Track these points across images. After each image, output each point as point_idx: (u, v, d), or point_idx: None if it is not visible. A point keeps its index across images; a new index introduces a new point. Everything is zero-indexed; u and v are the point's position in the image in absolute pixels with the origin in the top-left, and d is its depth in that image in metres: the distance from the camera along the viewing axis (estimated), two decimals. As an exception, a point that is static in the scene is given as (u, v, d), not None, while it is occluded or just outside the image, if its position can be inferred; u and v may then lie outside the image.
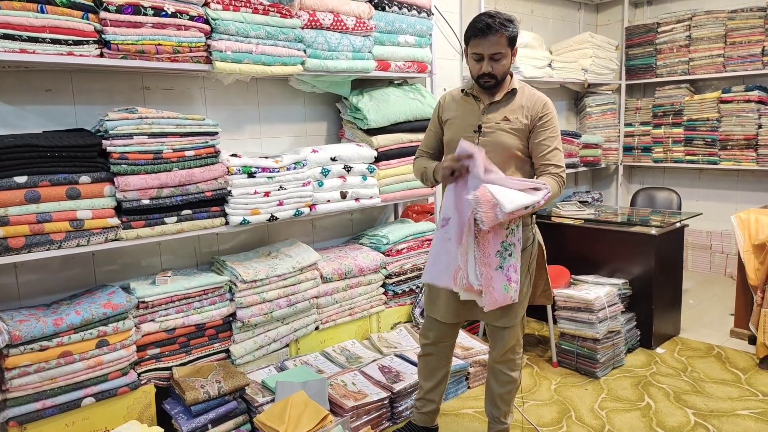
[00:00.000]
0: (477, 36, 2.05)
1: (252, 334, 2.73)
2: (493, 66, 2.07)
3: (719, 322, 3.80)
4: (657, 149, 5.04)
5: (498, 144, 2.11)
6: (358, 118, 3.14)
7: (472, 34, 2.07)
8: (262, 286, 2.70)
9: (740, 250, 3.40)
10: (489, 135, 2.13)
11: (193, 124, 2.41)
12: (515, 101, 2.15)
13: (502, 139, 2.11)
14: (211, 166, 2.46)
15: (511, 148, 2.12)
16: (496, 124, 2.13)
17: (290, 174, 2.74)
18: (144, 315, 2.40)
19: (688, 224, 3.73)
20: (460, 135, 2.14)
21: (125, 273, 2.64)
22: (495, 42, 2.03)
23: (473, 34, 2.06)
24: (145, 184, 2.27)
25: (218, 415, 2.33)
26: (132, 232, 2.29)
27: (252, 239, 3.08)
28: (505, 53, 2.07)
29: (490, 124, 2.13)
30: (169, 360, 2.49)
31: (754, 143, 4.39)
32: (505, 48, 2.06)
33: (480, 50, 2.06)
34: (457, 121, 2.21)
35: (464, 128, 2.17)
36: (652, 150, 5.08)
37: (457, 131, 2.19)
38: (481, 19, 2.05)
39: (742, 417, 2.67)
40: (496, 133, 2.12)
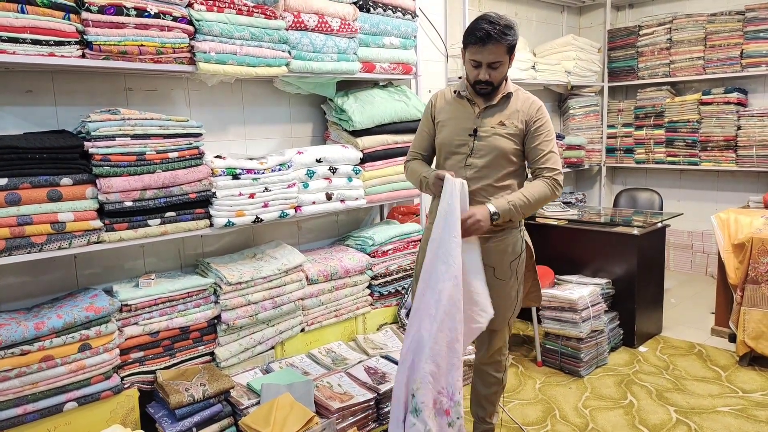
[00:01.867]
0: (476, 44, 2.00)
1: (237, 337, 2.72)
2: (491, 74, 2.04)
3: (700, 321, 3.86)
4: (639, 150, 5.10)
5: (494, 148, 2.10)
6: (343, 119, 3.14)
7: (471, 41, 2.02)
8: (246, 288, 2.69)
9: (720, 250, 3.45)
10: (485, 139, 2.11)
11: (176, 125, 2.39)
12: (510, 105, 2.13)
13: (499, 144, 2.10)
14: (195, 168, 2.45)
15: (507, 152, 2.11)
16: (492, 129, 2.11)
17: (275, 175, 2.73)
18: (127, 318, 2.38)
19: (670, 224, 3.78)
20: (455, 138, 2.14)
21: (108, 276, 2.61)
22: (494, 51, 2.00)
23: (472, 42, 2.02)
24: (128, 186, 2.25)
25: (203, 418, 2.32)
26: (115, 234, 2.27)
27: (237, 241, 3.07)
28: (503, 61, 2.04)
29: (486, 128, 2.11)
30: (153, 363, 2.46)
31: (733, 144, 4.47)
32: (503, 56, 2.03)
33: (478, 58, 2.03)
34: (452, 124, 2.18)
35: (459, 131, 2.15)
36: (635, 151, 5.14)
37: (451, 134, 2.17)
38: (481, 26, 1.99)
39: (723, 414, 2.72)
40: (492, 137, 2.10)
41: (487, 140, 2.11)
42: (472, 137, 2.12)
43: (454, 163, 2.16)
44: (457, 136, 2.15)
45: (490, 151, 2.10)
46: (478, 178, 2.11)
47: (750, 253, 3.21)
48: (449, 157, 2.19)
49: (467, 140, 2.13)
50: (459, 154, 2.15)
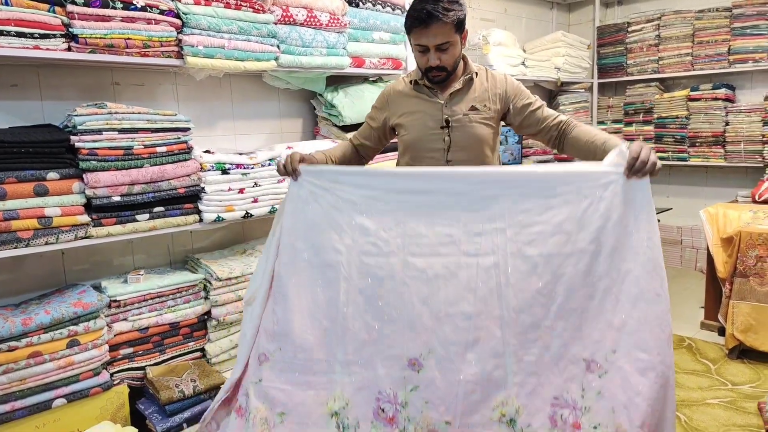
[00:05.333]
0: (418, 26, 1.79)
1: (228, 333, 2.71)
2: (441, 57, 1.83)
3: (690, 315, 3.88)
4: (629, 146, 5.13)
5: (471, 137, 1.92)
6: (333, 114, 3.14)
7: (411, 24, 1.82)
8: (237, 284, 2.67)
9: (709, 244, 3.47)
10: (459, 129, 1.91)
11: (164, 119, 2.37)
12: (476, 86, 1.94)
13: (476, 132, 1.92)
14: (183, 163, 2.43)
15: (486, 138, 1.93)
16: (465, 116, 1.91)
17: (265, 171, 2.72)
18: (116, 314, 2.36)
19: (660, 219, 3.80)
20: (425, 134, 1.93)
21: (96, 272, 2.59)
22: (439, 31, 1.78)
23: (413, 24, 1.81)
24: (115, 181, 2.23)
25: (193, 414, 2.31)
26: (102, 229, 2.25)
27: (227, 237, 3.05)
28: (453, 41, 1.82)
29: (458, 117, 1.91)
30: (143, 360, 2.44)
31: (721, 140, 4.50)
32: (452, 36, 1.81)
33: (424, 42, 1.82)
34: (417, 120, 1.95)
35: (428, 127, 1.93)
36: (624, 147, 5.16)
37: (419, 131, 1.94)
38: (421, 6, 1.78)
39: (712, 406, 2.73)
40: (467, 126, 1.91)
41: (462, 130, 1.91)
42: (444, 130, 1.91)
43: (432, 163, 1.93)
44: (427, 132, 1.92)
45: (469, 142, 1.91)
46: None
47: (738, 247, 3.23)
48: (423, 157, 1.95)
49: (440, 134, 1.91)
50: (435, 152, 1.93)
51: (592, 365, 1.43)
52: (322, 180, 1.72)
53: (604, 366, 1.42)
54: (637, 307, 1.42)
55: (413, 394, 1.52)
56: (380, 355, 1.57)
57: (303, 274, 1.69)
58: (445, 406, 1.49)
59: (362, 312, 1.61)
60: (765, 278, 3.14)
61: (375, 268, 1.62)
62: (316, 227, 1.70)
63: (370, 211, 1.64)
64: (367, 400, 1.56)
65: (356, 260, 1.64)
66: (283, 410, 1.59)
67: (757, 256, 3.16)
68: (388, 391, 1.55)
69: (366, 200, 1.66)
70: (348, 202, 1.67)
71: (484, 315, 1.50)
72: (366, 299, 1.62)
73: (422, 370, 1.53)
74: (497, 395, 1.47)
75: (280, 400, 1.60)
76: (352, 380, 1.58)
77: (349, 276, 1.64)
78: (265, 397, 1.61)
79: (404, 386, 1.54)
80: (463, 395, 1.48)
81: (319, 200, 1.71)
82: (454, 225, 1.57)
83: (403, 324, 1.57)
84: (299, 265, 1.70)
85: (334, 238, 1.68)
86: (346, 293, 1.64)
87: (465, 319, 1.51)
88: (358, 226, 1.65)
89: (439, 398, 1.50)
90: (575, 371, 1.44)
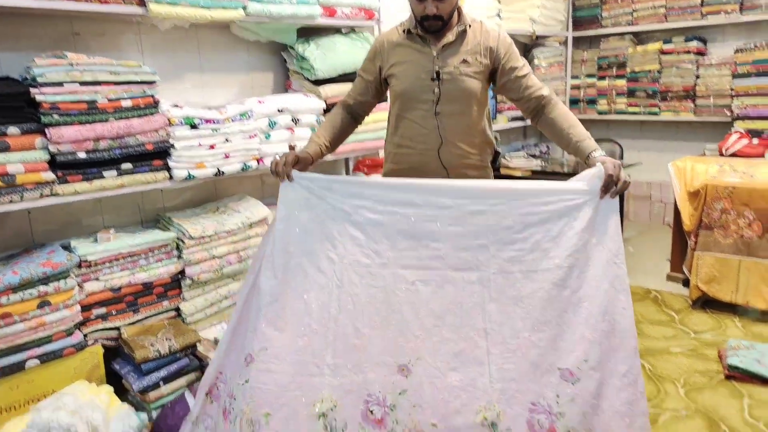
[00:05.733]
0: None
1: (202, 292, 2.69)
2: (439, 6, 1.81)
3: (656, 268, 4.00)
4: (602, 101, 5.14)
5: (462, 91, 1.90)
6: (304, 68, 3.05)
7: None
8: (210, 242, 2.64)
9: (677, 198, 3.55)
10: (450, 82, 1.89)
11: (128, 71, 2.27)
12: (469, 39, 1.92)
13: (467, 85, 1.90)
14: (150, 117, 2.34)
15: (475, 92, 1.91)
16: (456, 69, 1.89)
17: (235, 126, 2.65)
18: (87, 274, 2.31)
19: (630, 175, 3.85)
20: (416, 85, 1.91)
21: (65, 232, 2.52)
22: None
23: None
24: (79, 136, 2.14)
25: (170, 372, 2.31)
26: (69, 187, 2.18)
27: (199, 196, 2.99)
28: None
29: (449, 70, 1.89)
30: (117, 319, 2.42)
31: (692, 94, 4.54)
32: None
33: None
34: (409, 70, 1.93)
35: (419, 77, 1.91)
36: (597, 102, 5.18)
37: (411, 81, 1.93)
38: None
39: (675, 354, 2.85)
40: (457, 79, 1.89)
41: (453, 83, 1.89)
42: (435, 82, 1.89)
43: (422, 114, 1.94)
44: (417, 82, 1.91)
45: (459, 95, 1.90)
46: (451, 127, 1.93)
47: (704, 200, 3.31)
48: (413, 108, 1.96)
49: (430, 86, 1.90)
50: (424, 103, 1.93)
51: (566, 374, 1.55)
52: (315, 186, 1.77)
53: (577, 374, 1.54)
54: (605, 320, 1.56)
55: (402, 398, 1.60)
56: (370, 361, 1.63)
57: (295, 278, 1.73)
58: (431, 410, 1.58)
59: (353, 319, 1.67)
60: (729, 230, 3.24)
61: (367, 277, 1.70)
62: (310, 235, 1.75)
63: (362, 223, 1.72)
64: (355, 402, 1.61)
65: (348, 269, 1.71)
66: (269, 410, 1.60)
67: (722, 209, 3.25)
68: (378, 394, 1.61)
69: (358, 210, 1.73)
70: (341, 212, 1.74)
71: (468, 327, 1.62)
72: (357, 307, 1.68)
73: (411, 375, 1.62)
74: (480, 400, 1.58)
75: (266, 400, 1.61)
76: (341, 383, 1.62)
77: (341, 283, 1.71)
78: (251, 398, 1.62)
79: (393, 390, 1.61)
80: (448, 400, 1.58)
81: (314, 208, 1.76)
82: (440, 240, 1.67)
83: (393, 332, 1.65)
84: (291, 269, 1.73)
85: (327, 246, 1.74)
86: (337, 300, 1.70)
87: (451, 330, 1.63)
88: (351, 237, 1.73)
89: (427, 402, 1.59)
90: (551, 379, 1.55)
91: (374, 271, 1.70)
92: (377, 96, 2.10)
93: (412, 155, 1.98)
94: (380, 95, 2.10)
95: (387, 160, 2.12)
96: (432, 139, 1.94)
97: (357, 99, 2.08)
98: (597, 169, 1.65)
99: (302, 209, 1.76)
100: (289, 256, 1.74)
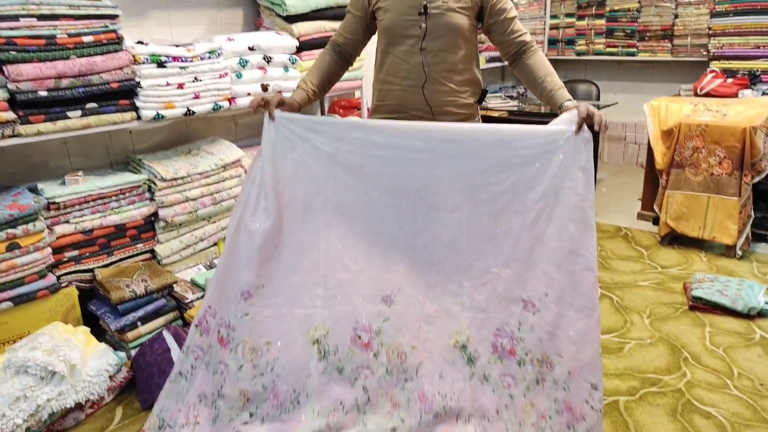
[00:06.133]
0: None
1: (177, 234, 2.68)
2: None
3: (628, 207, 4.08)
4: (580, 42, 5.09)
5: (450, 26, 1.85)
6: (276, 3, 2.94)
7: None
8: (183, 185, 2.61)
9: (650, 137, 3.58)
10: (437, 17, 1.83)
11: (88, 5, 2.17)
12: None
13: (455, 21, 1.84)
14: (114, 54, 2.26)
15: (462, 29, 1.86)
16: (444, 4, 1.83)
17: (205, 64, 2.58)
18: (56, 216, 2.28)
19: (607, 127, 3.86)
20: (402, 19, 1.86)
21: (31, 175, 2.46)
22: None
23: None
24: (40, 74, 2.07)
25: (147, 312, 2.32)
26: (32, 127, 2.12)
27: (169, 138, 2.93)
28: None
29: (437, 4, 1.83)
30: (90, 262, 2.41)
31: (669, 34, 4.52)
32: None
33: None
34: (397, 3, 1.87)
35: (406, 12, 1.85)
36: (576, 43, 5.12)
37: (397, 15, 1.87)
38: None
39: (642, 287, 2.95)
40: (445, 14, 1.84)
41: (440, 18, 1.84)
42: (422, 16, 1.84)
43: (407, 49, 1.89)
44: (404, 17, 1.85)
45: (446, 31, 1.85)
46: (436, 64, 1.87)
47: (677, 139, 3.35)
48: (399, 44, 1.90)
49: (417, 20, 1.84)
50: (410, 38, 1.87)
51: (529, 305, 1.72)
52: (298, 127, 1.78)
53: (538, 306, 1.71)
54: (569, 259, 1.67)
55: (385, 324, 1.77)
56: (356, 292, 1.78)
57: (285, 218, 1.80)
58: (411, 334, 1.77)
59: (341, 256, 1.79)
60: (700, 168, 3.30)
61: (353, 217, 1.79)
62: (296, 176, 1.79)
63: (346, 164, 1.77)
64: (345, 329, 1.77)
65: (335, 209, 1.79)
66: (269, 339, 1.77)
67: (694, 147, 3.30)
68: (364, 322, 1.77)
69: (341, 152, 1.77)
70: (325, 154, 1.77)
71: (444, 262, 1.77)
72: (344, 244, 1.79)
73: (393, 304, 1.78)
74: (453, 326, 1.77)
75: (266, 331, 1.77)
76: (331, 312, 1.78)
77: (329, 223, 1.80)
78: (251, 329, 1.76)
79: (378, 318, 1.78)
80: (426, 325, 1.77)
81: (297, 149, 1.78)
82: (419, 182, 1.75)
83: (377, 267, 1.79)
84: (281, 209, 1.79)
85: (313, 186, 1.79)
86: (326, 238, 1.79)
87: (429, 265, 1.78)
88: (335, 177, 1.78)
89: (407, 327, 1.77)
90: (515, 309, 1.73)
91: (359, 212, 1.79)
92: (367, 33, 2.04)
93: (396, 91, 1.95)
94: (370, 32, 2.05)
95: (373, 96, 2.09)
96: (416, 75, 1.90)
97: (346, 37, 2.02)
98: (571, 114, 1.69)
99: (286, 150, 1.78)
100: (277, 197, 1.78)
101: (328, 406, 1.74)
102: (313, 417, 1.73)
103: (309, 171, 1.79)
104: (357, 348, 1.77)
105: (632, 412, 2.01)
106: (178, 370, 1.84)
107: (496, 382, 1.73)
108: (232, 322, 1.76)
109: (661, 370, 2.24)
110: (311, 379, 1.75)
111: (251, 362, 1.75)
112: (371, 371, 1.76)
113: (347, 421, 1.73)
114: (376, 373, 1.76)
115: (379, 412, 1.73)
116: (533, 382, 1.70)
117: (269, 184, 1.76)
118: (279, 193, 1.78)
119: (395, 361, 1.75)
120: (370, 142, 1.76)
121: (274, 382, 1.75)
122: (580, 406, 1.65)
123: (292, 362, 1.75)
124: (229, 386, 1.75)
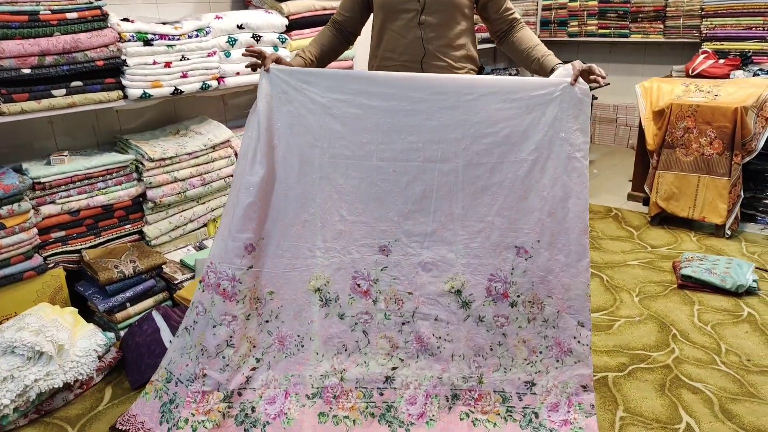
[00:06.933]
0: None
1: (166, 215, 2.65)
2: None
3: (619, 188, 4.09)
4: (572, 23, 5.06)
5: (449, 2, 1.83)
6: (264, -19, 2.90)
7: None
8: (172, 165, 2.58)
9: (642, 118, 3.58)
10: None
11: (71, -20, 2.13)
12: None
13: None
14: (99, 32, 2.22)
15: (461, 5, 1.86)
16: None
17: (193, 42, 2.54)
18: (42, 197, 2.25)
19: (597, 97, 3.85)
20: None
21: (16, 155, 2.42)
22: None
23: None
24: (22, 51, 2.03)
25: (136, 293, 2.31)
26: (15, 105, 2.08)
27: (158, 118, 2.89)
28: None
29: None
30: (77, 243, 2.38)
31: (662, 15, 4.49)
32: None
33: None
34: None
35: None
36: (568, 24, 5.09)
37: None
38: None
39: (632, 267, 2.96)
40: None
41: None
42: None
43: (404, 23, 1.86)
44: None
45: (444, 5, 1.83)
46: (434, 38, 1.86)
47: (669, 119, 3.34)
48: (396, 18, 1.88)
49: None
50: (408, 12, 1.85)
51: (521, 251, 1.81)
52: (293, 79, 1.78)
53: (530, 252, 1.80)
54: (560, 207, 1.76)
55: (383, 273, 1.85)
56: (355, 243, 1.85)
57: (283, 171, 1.82)
58: (408, 281, 1.85)
59: (338, 207, 1.84)
60: (690, 149, 3.30)
61: (349, 169, 1.82)
62: (291, 128, 1.80)
63: (342, 116, 1.78)
64: (344, 278, 1.86)
65: (331, 161, 1.82)
66: (272, 289, 1.85)
67: (685, 128, 3.30)
68: (363, 271, 1.85)
69: (337, 104, 1.78)
70: (320, 106, 1.78)
71: (440, 212, 1.83)
72: (341, 196, 1.83)
73: (390, 254, 1.85)
74: (448, 273, 1.84)
75: (269, 281, 1.85)
76: (331, 263, 1.85)
77: (326, 175, 1.82)
78: (255, 280, 1.83)
79: (376, 267, 1.86)
80: (422, 273, 1.85)
81: (292, 101, 1.79)
82: (417, 133, 1.78)
83: (374, 218, 1.84)
84: (278, 162, 1.81)
85: (309, 139, 1.81)
86: (322, 191, 1.83)
87: (425, 215, 1.83)
88: (331, 129, 1.80)
89: (404, 275, 1.85)
90: (508, 255, 1.82)
91: (355, 163, 1.82)
92: (365, 11, 2.03)
93: (394, 67, 1.94)
94: (368, 11, 2.03)
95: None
96: (415, 50, 1.89)
97: (345, 15, 2.02)
98: (566, 68, 1.73)
99: (281, 103, 1.79)
100: (274, 150, 1.80)
101: (331, 349, 1.84)
102: (318, 359, 1.83)
103: (305, 123, 1.81)
104: (357, 295, 1.85)
105: (621, 388, 2.03)
106: (184, 325, 1.88)
107: (489, 322, 1.83)
108: (237, 275, 1.79)
109: (650, 347, 2.26)
110: (314, 325, 1.84)
111: (256, 311, 1.83)
112: (370, 316, 1.85)
113: (350, 363, 1.84)
114: (375, 318, 1.85)
115: (379, 353, 1.85)
116: (525, 321, 1.83)
117: (263, 138, 1.77)
118: (274, 147, 1.80)
119: (393, 306, 1.85)
120: (366, 92, 1.77)
121: (278, 328, 1.84)
122: (567, 342, 1.80)
123: (295, 310, 1.85)
124: (238, 335, 1.80)
